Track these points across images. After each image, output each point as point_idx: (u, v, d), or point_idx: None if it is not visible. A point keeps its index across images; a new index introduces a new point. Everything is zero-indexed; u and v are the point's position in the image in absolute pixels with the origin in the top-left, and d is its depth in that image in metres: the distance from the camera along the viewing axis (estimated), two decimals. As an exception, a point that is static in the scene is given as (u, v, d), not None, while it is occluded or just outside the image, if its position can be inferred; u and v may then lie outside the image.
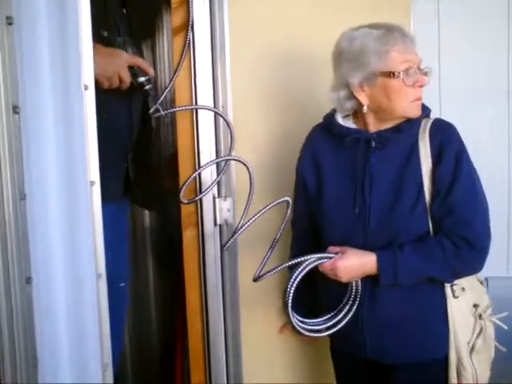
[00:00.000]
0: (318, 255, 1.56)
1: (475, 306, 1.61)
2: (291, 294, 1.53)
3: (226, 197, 1.97)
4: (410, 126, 1.58)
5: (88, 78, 1.21)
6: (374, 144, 1.60)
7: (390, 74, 1.50)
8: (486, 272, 1.63)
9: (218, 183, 1.96)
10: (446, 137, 1.55)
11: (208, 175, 1.94)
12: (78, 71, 1.18)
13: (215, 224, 1.97)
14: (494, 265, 1.65)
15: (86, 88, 1.21)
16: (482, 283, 1.69)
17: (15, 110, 1.03)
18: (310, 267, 1.54)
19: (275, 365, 2.13)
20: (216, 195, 1.97)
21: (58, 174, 1.14)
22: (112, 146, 1.73)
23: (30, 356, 1.07)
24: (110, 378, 1.31)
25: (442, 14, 2.34)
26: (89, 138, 1.22)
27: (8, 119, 1.01)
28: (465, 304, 1.60)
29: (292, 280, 1.53)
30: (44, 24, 1.10)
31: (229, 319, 2.02)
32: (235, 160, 1.84)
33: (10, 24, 1.00)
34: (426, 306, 1.60)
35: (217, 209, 1.97)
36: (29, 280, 1.08)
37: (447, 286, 1.58)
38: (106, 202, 1.78)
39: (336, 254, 1.56)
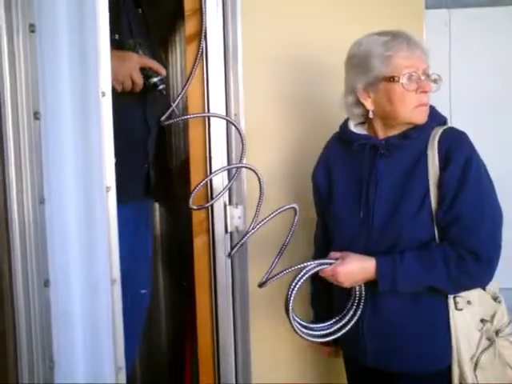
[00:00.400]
0: (319, 261, 1.57)
1: (483, 321, 1.57)
2: (291, 300, 1.54)
3: (237, 204, 1.99)
4: (419, 133, 1.58)
5: (105, 85, 1.23)
6: (381, 151, 1.61)
7: (391, 79, 1.52)
8: (498, 283, 1.62)
9: (229, 191, 1.97)
10: (454, 144, 1.53)
11: (219, 183, 1.96)
12: (95, 78, 1.20)
13: (226, 231, 1.98)
14: (505, 275, 1.63)
15: (103, 95, 1.22)
16: (496, 299, 1.63)
17: (36, 115, 1.05)
18: (310, 273, 1.55)
19: (284, 366, 2.14)
20: (227, 202, 1.98)
21: (76, 179, 1.16)
22: (129, 146, 1.76)
23: (46, 358, 1.09)
24: (123, 380, 1.32)
25: (452, 22, 2.36)
26: (105, 144, 1.23)
27: (29, 125, 1.03)
28: (470, 317, 1.55)
29: (292, 286, 1.54)
30: (64, 32, 1.12)
31: (238, 323, 2.04)
32: (245, 167, 1.85)
33: (33, 32, 1.02)
34: (429, 317, 1.57)
35: (228, 216, 1.98)
36: (47, 283, 1.09)
37: (450, 298, 1.55)
38: (125, 202, 1.82)
39: (337, 259, 1.56)
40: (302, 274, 1.54)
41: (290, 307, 1.54)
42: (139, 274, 2.01)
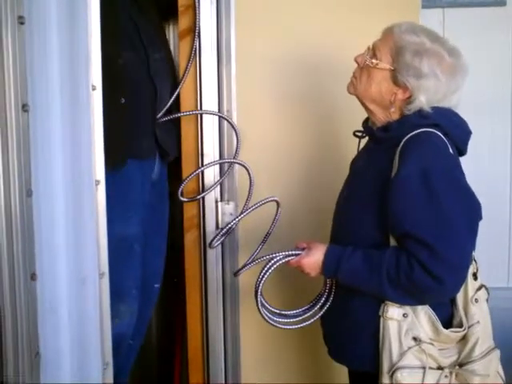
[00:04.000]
0: (287, 252, 1.55)
1: (416, 339, 1.45)
2: (259, 291, 1.55)
3: (228, 201, 1.99)
4: (400, 129, 1.49)
5: (96, 78, 1.23)
6: (369, 143, 1.63)
7: None
8: (486, 282, 1.58)
9: (221, 187, 1.98)
10: (413, 150, 1.42)
11: (211, 179, 1.96)
12: (86, 72, 1.20)
13: (217, 227, 1.99)
14: (494, 275, 1.62)
15: (93, 88, 1.22)
16: (459, 327, 1.49)
17: (24, 108, 1.04)
18: (277, 265, 1.54)
19: (274, 365, 2.14)
20: (219, 199, 1.99)
21: (65, 172, 1.15)
22: (138, 102, 1.77)
23: (32, 351, 1.08)
24: (109, 377, 1.32)
25: (447, 22, 2.37)
26: (95, 138, 1.23)
27: (17, 117, 1.02)
28: (397, 330, 1.46)
29: (260, 277, 1.54)
30: (54, 25, 1.11)
31: (228, 320, 2.05)
32: (236, 163, 1.86)
33: (22, 24, 1.02)
34: (357, 317, 1.54)
35: (219, 212, 1.98)
36: (33, 276, 1.09)
37: (382, 304, 1.47)
38: (143, 158, 1.81)
39: (303, 249, 1.56)
40: (269, 265, 1.54)
41: (259, 299, 1.56)
42: (156, 231, 2.03)
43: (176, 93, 1.89)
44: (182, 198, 1.86)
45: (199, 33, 1.89)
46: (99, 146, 1.25)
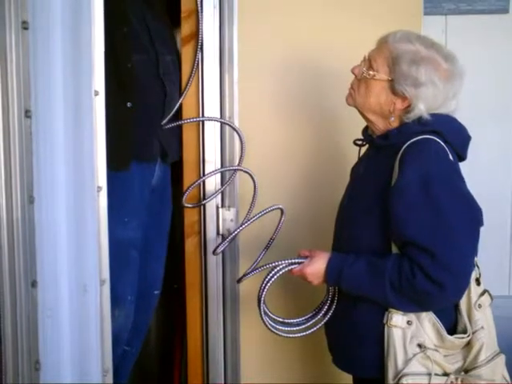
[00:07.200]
0: (290, 261, 1.55)
1: (421, 346, 1.45)
2: (262, 300, 1.55)
3: (229, 207, 1.99)
4: (399, 136, 1.49)
5: (99, 84, 1.22)
6: (369, 151, 1.64)
7: None
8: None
9: (222, 193, 1.97)
10: (413, 157, 1.42)
11: (212, 185, 1.96)
12: (89, 77, 1.19)
13: (218, 233, 1.98)
14: (496, 284, 1.61)
15: (96, 94, 1.21)
16: (458, 336, 1.49)
17: (27, 114, 1.03)
18: (280, 273, 1.55)
19: (274, 374, 2.13)
20: (219, 205, 1.98)
21: (67, 179, 1.14)
22: (146, 105, 1.77)
23: (32, 359, 1.07)
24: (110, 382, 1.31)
25: (449, 29, 2.37)
26: (98, 144, 1.22)
27: (20, 123, 1.02)
28: (402, 337, 1.45)
29: (262, 287, 1.54)
30: (58, 30, 1.11)
31: (228, 327, 2.04)
32: (242, 170, 1.86)
33: (26, 29, 1.01)
34: (361, 324, 1.53)
35: (220, 218, 1.98)
36: (34, 284, 1.08)
37: (386, 312, 1.47)
38: (147, 161, 1.81)
39: (306, 258, 1.55)
40: (272, 274, 1.54)
41: (262, 307, 1.55)
42: (156, 235, 2.01)
43: (181, 99, 1.88)
44: (187, 204, 1.85)
45: (202, 39, 1.89)
46: (101, 151, 1.24)
